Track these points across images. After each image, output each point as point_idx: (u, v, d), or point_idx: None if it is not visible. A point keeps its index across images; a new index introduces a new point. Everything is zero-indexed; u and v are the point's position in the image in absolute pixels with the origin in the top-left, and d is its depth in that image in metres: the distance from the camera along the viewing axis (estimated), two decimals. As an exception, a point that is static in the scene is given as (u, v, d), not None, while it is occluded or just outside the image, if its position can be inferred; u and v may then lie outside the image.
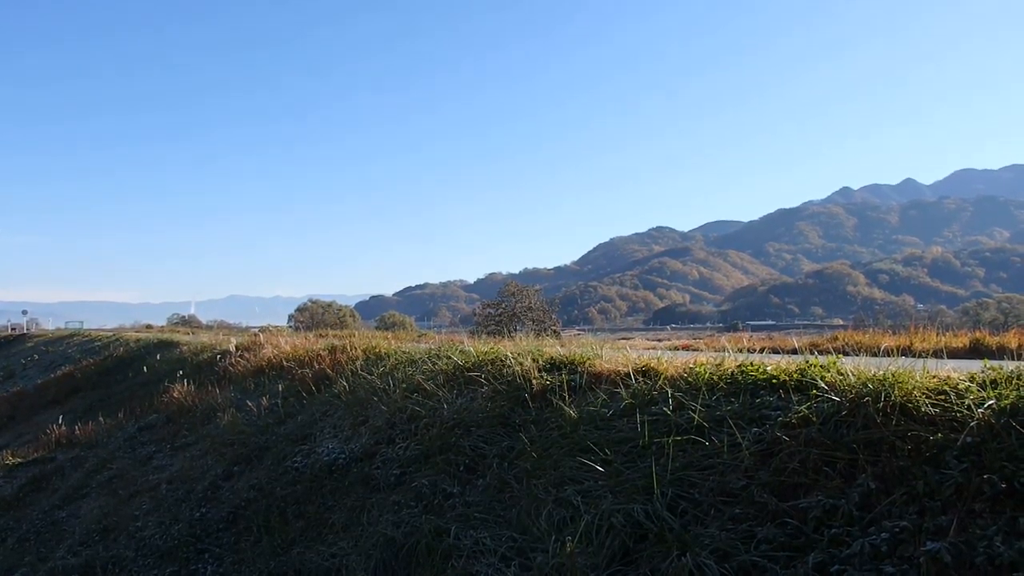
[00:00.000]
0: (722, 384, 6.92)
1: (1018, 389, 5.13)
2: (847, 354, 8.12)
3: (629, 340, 21.23)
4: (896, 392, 5.50)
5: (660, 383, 7.40)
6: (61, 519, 12.85)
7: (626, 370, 8.05)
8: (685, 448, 6.23)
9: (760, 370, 6.88)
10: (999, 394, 5.14)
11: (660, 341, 24.41)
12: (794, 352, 9.66)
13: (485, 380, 9.37)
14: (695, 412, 6.48)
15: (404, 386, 10.66)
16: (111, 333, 52.70)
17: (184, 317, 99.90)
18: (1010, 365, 5.59)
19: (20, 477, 16.54)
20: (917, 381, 5.61)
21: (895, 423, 5.31)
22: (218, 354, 22.11)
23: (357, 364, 13.53)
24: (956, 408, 5.17)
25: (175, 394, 18.13)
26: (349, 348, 15.40)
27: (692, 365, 7.54)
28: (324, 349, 16.15)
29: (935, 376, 5.72)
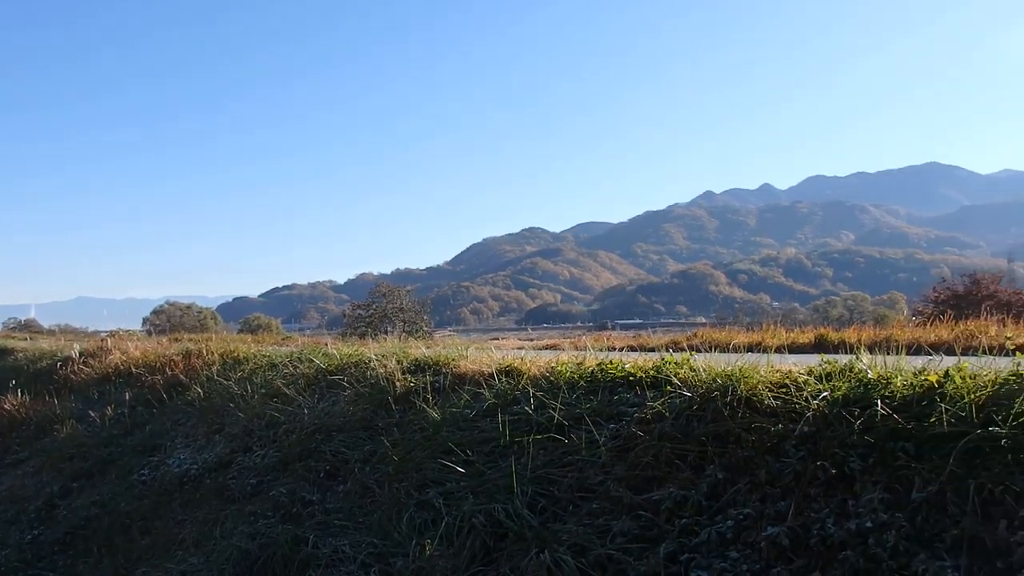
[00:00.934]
0: (582, 382, 7.07)
1: (849, 381, 5.47)
2: (705, 351, 8.42)
3: (501, 340, 21.38)
4: (742, 386, 5.76)
5: (523, 383, 7.49)
6: None
7: (490, 370, 8.11)
8: (546, 446, 6.32)
9: (619, 368, 7.07)
10: (833, 386, 5.47)
11: (531, 341, 24.64)
12: (652, 350, 9.97)
13: (348, 383, 9.22)
14: (555, 411, 6.59)
15: (263, 391, 10.36)
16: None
17: (22, 321, 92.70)
18: (844, 359, 5.95)
19: None
20: (762, 376, 5.89)
21: (741, 416, 5.57)
22: (59, 361, 20.67)
23: (213, 369, 13.04)
24: (796, 400, 5.46)
25: (6, 406, 16.72)
26: (205, 352, 14.79)
27: (554, 365, 7.67)
28: (178, 354, 15.43)
29: (778, 371, 6.02)
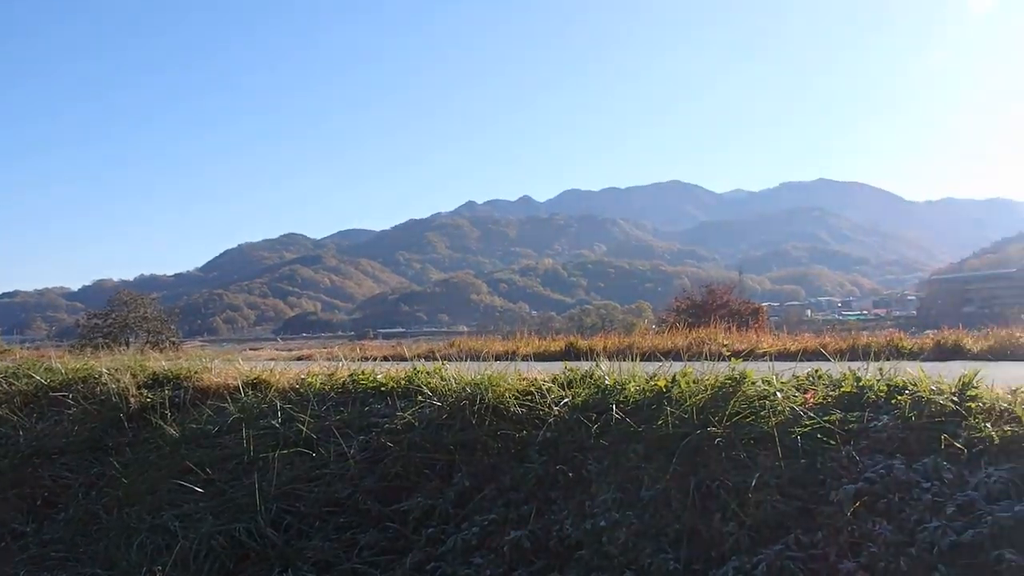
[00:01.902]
0: (333, 394, 6.92)
1: (589, 387, 5.76)
2: (461, 360, 8.51)
3: (255, 351, 20.52)
4: (490, 395, 5.90)
5: (271, 395, 7.21)
6: None
7: (236, 383, 7.73)
8: (293, 461, 6.12)
9: (371, 378, 7.00)
10: (574, 392, 5.74)
11: (290, 351, 23.94)
12: (407, 360, 9.98)
13: (74, 400, 8.40)
14: (304, 424, 6.40)
15: (-34, 414, 9.19)
16: None
17: None
18: (585, 366, 6.26)
19: None
20: (509, 384, 6.06)
21: (488, 423, 5.69)
22: None
23: None
24: (540, 407, 5.67)
25: None
26: None
27: (304, 376, 7.44)
28: None
29: (525, 379, 6.22)
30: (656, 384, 5.47)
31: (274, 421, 6.63)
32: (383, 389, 6.76)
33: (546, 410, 5.59)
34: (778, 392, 5.00)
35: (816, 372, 5.38)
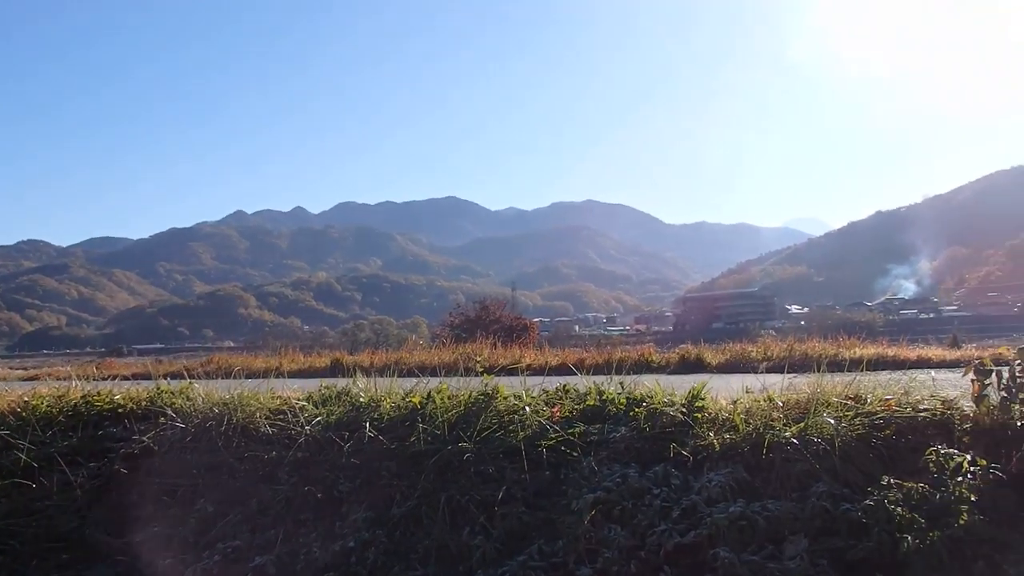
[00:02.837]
0: (61, 417, 6.28)
1: (344, 405, 5.66)
2: (219, 377, 8.08)
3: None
4: (240, 415, 5.63)
5: (-12, 421, 6.42)
6: None
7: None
8: (10, 493, 5.50)
9: (107, 400, 6.44)
10: (329, 411, 5.60)
11: (25, 369, 21.76)
12: (156, 378, 9.32)
13: None
14: (23, 451, 5.75)
15: None
16: None
17: None
18: (342, 383, 6.13)
19: None
20: (261, 403, 5.82)
21: (236, 445, 5.43)
22: None
23: None
24: (292, 426, 5.48)
25: None
26: None
27: (28, 398, 6.69)
28: None
29: (279, 397, 5.99)
30: (411, 401, 5.47)
31: (-11, 450, 5.92)
32: (120, 411, 6.25)
33: (298, 429, 5.42)
34: (527, 407, 5.16)
35: (564, 387, 5.61)
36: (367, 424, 5.25)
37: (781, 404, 4.87)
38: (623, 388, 5.43)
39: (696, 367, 12.48)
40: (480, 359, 11.68)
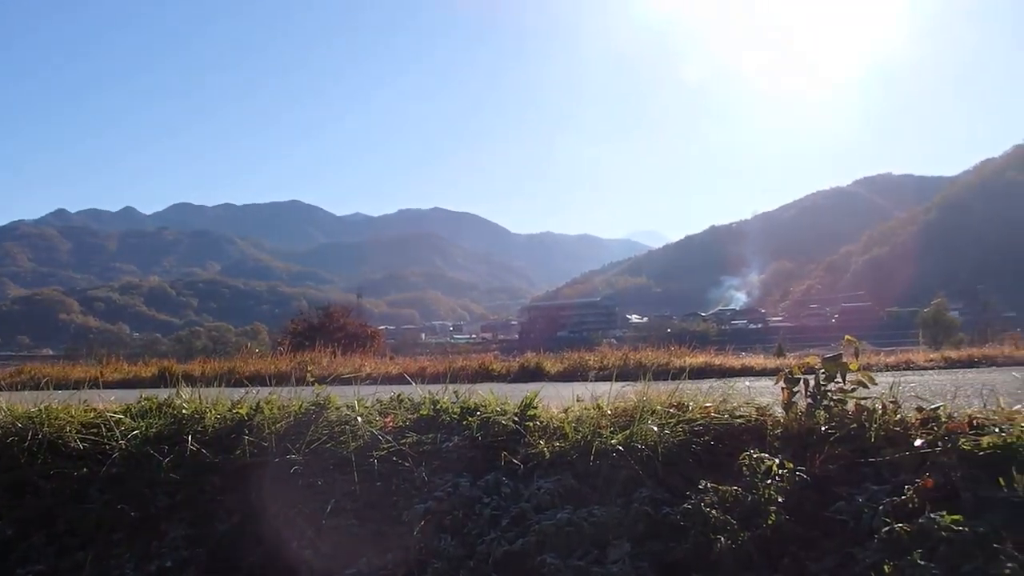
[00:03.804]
0: None
1: (165, 417, 5.36)
2: (28, 388, 7.50)
3: None
4: (47, 429, 5.22)
5: None
6: None
7: None
8: None
9: None
10: (148, 423, 5.29)
11: None
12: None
13: None
14: None
15: None
16: None
17: None
18: (165, 393, 5.81)
19: None
20: (72, 416, 5.42)
21: (42, 461, 5.03)
22: None
23: None
24: (107, 440, 5.14)
25: None
26: None
27: None
28: None
29: (93, 409, 5.61)
30: (238, 412, 5.26)
31: None
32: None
33: (113, 444, 5.09)
34: (360, 417, 5.07)
35: (399, 397, 5.55)
36: (189, 437, 4.99)
37: (610, 412, 5.01)
38: (458, 397, 5.43)
39: (536, 376, 12.71)
40: (317, 368, 11.42)
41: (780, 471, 4.17)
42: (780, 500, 4.03)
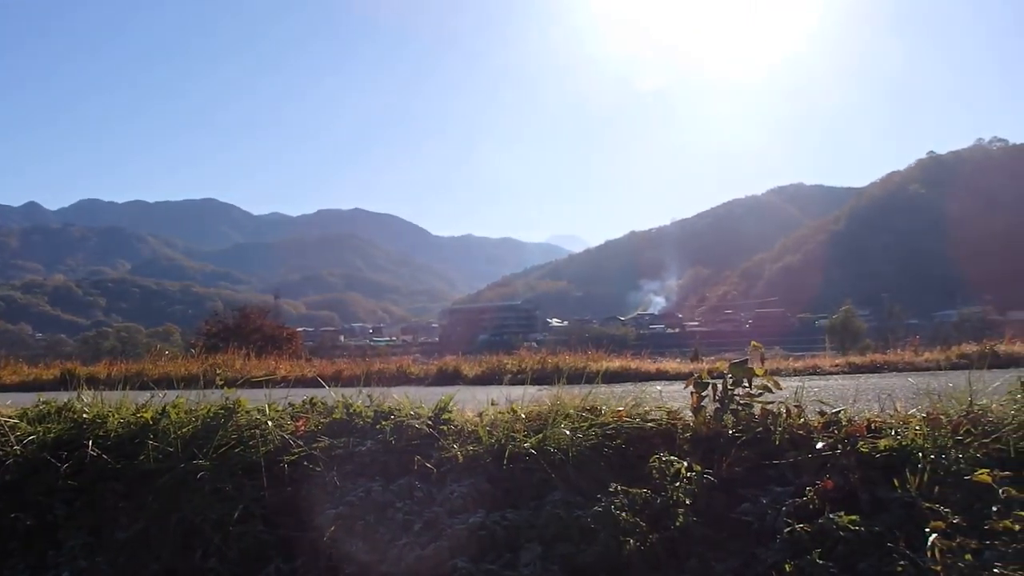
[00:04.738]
0: None
1: (65, 422, 5.15)
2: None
3: None
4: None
5: None
6: None
7: None
8: None
9: None
10: (47, 428, 5.08)
11: None
12: None
13: None
14: None
15: None
16: None
17: None
18: (65, 397, 5.60)
19: None
20: (-37, 421, 5.16)
21: (-73, 472, 4.77)
22: None
23: None
24: (0, 446, 4.91)
25: None
26: None
27: None
28: None
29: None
30: (143, 416, 5.09)
31: None
32: None
33: (8, 450, 4.87)
34: (270, 421, 4.97)
35: (312, 400, 5.46)
36: (90, 442, 4.81)
37: (524, 416, 5.03)
38: (372, 401, 5.37)
39: (454, 379, 12.69)
40: (230, 370, 11.17)
41: (689, 474, 4.25)
42: (688, 502, 4.11)
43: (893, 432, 4.36)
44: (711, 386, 4.90)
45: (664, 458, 4.35)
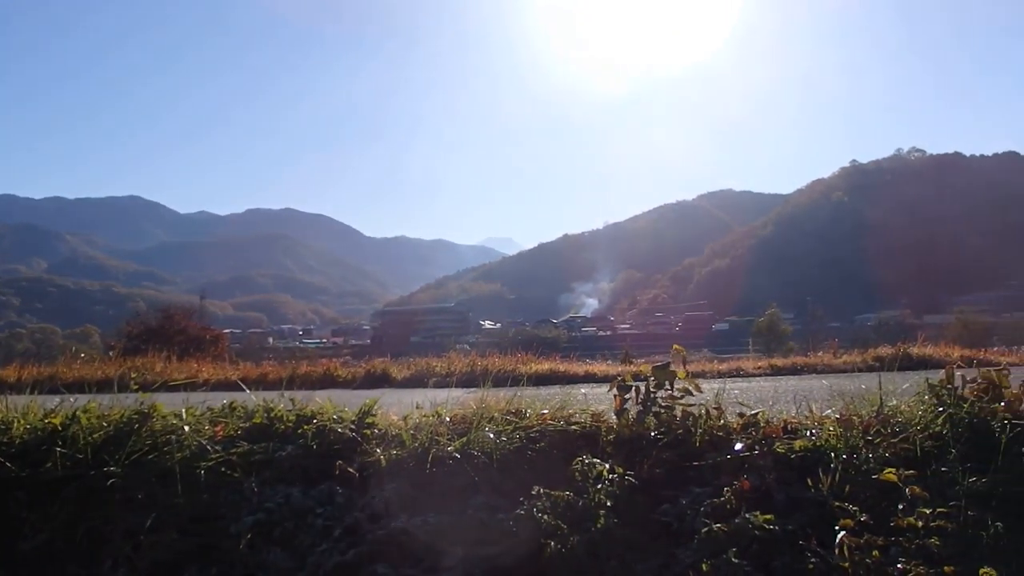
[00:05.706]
0: None
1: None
2: None
3: None
4: None
5: None
6: None
7: None
8: None
9: None
10: None
11: None
12: None
13: None
14: None
15: None
16: None
17: None
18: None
19: None
20: None
21: None
22: None
23: None
24: None
25: None
26: None
27: None
28: None
29: None
30: (51, 422, 4.89)
31: None
32: None
33: None
34: (187, 426, 4.83)
35: (231, 404, 5.33)
36: (-8, 450, 4.61)
37: (448, 419, 5.01)
38: (294, 404, 5.27)
39: (382, 382, 12.61)
40: (150, 373, 10.86)
41: (611, 476, 4.28)
42: (610, 504, 4.13)
43: (808, 433, 4.48)
44: (634, 389, 4.95)
45: (587, 460, 4.37)
